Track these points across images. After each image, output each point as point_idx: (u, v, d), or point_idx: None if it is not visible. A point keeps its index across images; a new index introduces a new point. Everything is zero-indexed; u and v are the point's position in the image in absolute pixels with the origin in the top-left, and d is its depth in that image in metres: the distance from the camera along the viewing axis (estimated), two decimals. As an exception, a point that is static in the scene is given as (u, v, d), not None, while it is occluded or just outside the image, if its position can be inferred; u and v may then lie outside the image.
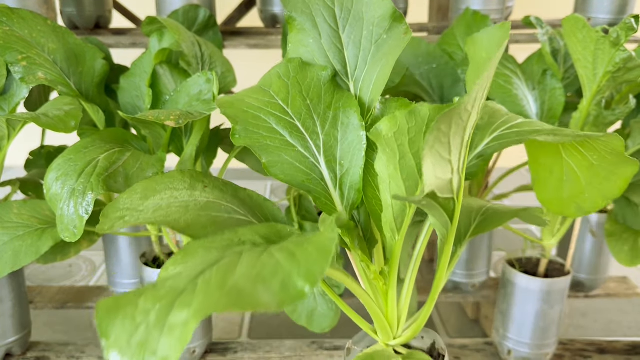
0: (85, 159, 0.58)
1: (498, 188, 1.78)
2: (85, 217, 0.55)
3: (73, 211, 0.55)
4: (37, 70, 0.65)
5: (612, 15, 0.92)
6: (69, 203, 0.55)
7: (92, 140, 0.61)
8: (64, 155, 0.58)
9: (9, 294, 0.76)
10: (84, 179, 0.56)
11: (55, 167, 0.58)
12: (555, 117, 0.72)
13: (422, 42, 0.84)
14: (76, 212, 0.55)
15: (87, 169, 0.57)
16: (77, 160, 0.58)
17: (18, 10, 0.66)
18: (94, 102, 0.72)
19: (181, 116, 0.57)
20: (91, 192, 0.55)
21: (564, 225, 0.75)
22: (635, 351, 0.85)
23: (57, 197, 0.56)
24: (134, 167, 0.60)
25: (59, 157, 0.58)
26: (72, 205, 0.55)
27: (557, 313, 0.77)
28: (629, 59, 0.59)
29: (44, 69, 0.66)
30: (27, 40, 0.66)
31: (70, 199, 0.55)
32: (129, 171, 0.59)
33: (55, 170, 0.57)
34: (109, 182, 0.57)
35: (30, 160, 0.90)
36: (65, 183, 0.56)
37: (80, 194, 0.55)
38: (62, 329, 1.08)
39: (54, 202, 0.56)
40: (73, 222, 0.55)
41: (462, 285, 0.95)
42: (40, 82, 0.65)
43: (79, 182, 0.56)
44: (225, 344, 0.84)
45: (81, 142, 0.60)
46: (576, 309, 1.17)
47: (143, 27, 0.74)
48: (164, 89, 0.71)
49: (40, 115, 0.58)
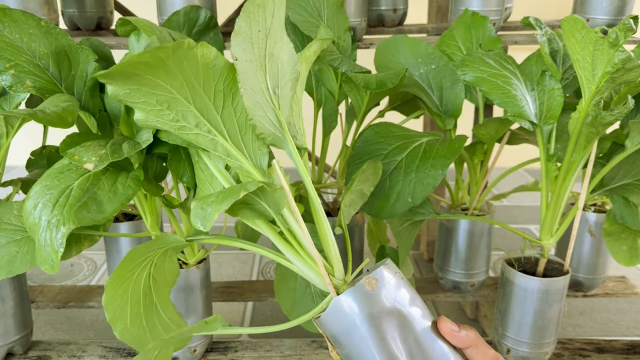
0: (60, 186, 0.56)
1: (497, 188, 1.79)
2: (60, 251, 0.53)
3: (49, 244, 0.54)
4: (26, 79, 0.63)
5: (611, 16, 0.92)
6: (45, 236, 0.54)
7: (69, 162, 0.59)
8: (42, 181, 0.57)
9: (10, 294, 0.77)
10: (57, 211, 0.55)
11: (32, 195, 0.56)
12: (554, 118, 0.73)
13: (422, 43, 0.84)
14: (51, 247, 0.54)
15: (61, 198, 0.55)
16: (53, 188, 0.56)
17: (11, 13, 0.65)
18: (87, 106, 0.71)
19: (103, 158, 0.55)
20: (63, 226, 0.54)
21: (563, 225, 0.75)
22: (634, 350, 0.85)
23: (35, 227, 0.55)
24: (109, 192, 0.58)
25: (37, 183, 0.57)
26: (48, 238, 0.54)
27: (556, 312, 0.77)
28: (628, 60, 0.59)
29: (32, 76, 0.64)
30: (17, 46, 0.65)
31: (46, 231, 0.54)
32: (102, 197, 0.57)
33: (33, 199, 0.56)
34: (80, 213, 0.55)
35: (32, 160, 0.90)
36: (41, 213, 0.55)
37: (54, 227, 0.54)
38: (63, 328, 1.09)
39: (33, 231, 0.55)
40: (50, 256, 0.54)
41: (461, 285, 0.95)
42: (29, 90, 0.63)
43: (53, 214, 0.54)
44: (226, 343, 0.85)
45: (58, 164, 0.59)
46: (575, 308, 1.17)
47: (117, 27, 0.72)
48: None
49: (38, 112, 0.58)
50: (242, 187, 0.47)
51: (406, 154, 0.69)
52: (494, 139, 0.83)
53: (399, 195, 0.68)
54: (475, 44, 0.86)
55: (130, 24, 0.70)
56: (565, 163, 0.72)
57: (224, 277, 1.31)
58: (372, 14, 1.00)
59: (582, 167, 0.73)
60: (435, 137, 0.72)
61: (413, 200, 0.67)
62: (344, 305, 0.49)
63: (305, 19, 0.82)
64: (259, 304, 1.20)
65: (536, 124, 0.74)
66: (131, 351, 0.82)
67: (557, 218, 0.75)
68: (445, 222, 0.94)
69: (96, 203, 0.57)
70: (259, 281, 1.04)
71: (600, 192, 0.81)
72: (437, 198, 0.99)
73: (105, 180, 0.59)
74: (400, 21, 1.02)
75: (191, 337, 0.60)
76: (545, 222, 0.75)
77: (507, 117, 0.74)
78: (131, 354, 0.82)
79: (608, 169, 0.76)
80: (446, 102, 0.83)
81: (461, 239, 0.93)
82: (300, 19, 0.81)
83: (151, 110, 0.50)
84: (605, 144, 0.75)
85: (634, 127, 0.72)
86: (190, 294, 0.75)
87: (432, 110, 0.82)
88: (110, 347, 0.83)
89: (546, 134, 0.74)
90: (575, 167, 0.72)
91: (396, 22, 1.01)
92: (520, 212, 1.73)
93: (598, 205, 0.96)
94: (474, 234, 0.92)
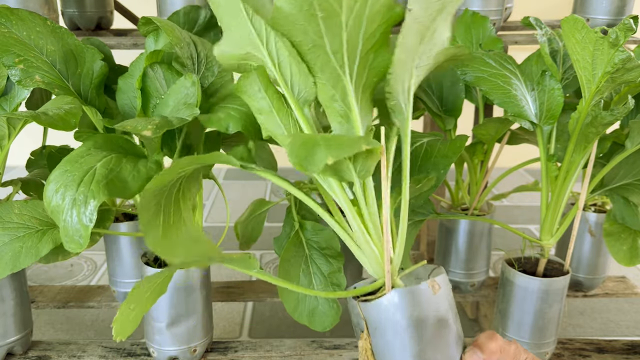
0: (82, 168, 0.57)
1: (497, 188, 1.79)
2: (90, 225, 0.55)
3: (76, 221, 0.55)
4: (35, 73, 0.65)
5: (611, 16, 0.92)
6: (71, 214, 0.55)
7: (87, 149, 0.60)
8: (60, 167, 0.58)
9: (10, 293, 0.77)
10: (84, 188, 0.56)
11: (53, 179, 0.57)
12: (554, 118, 0.73)
13: (422, 43, 0.84)
14: (80, 222, 0.55)
15: (85, 177, 0.57)
16: (74, 171, 0.57)
17: (17, 11, 0.66)
18: (93, 103, 0.72)
19: (159, 125, 0.57)
20: (93, 200, 0.55)
21: (563, 225, 0.75)
22: (634, 350, 0.85)
23: (58, 209, 0.56)
24: (132, 171, 0.60)
25: (55, 170, 0.58)
26: (75, 215, 0.55)
27: (556, 312, 0.77)
28: (628, 60, 0.59)
29: (41, 71, 0.66)
30: (25, 42, 0.66)
31: (72, 209, 0.55)
32: (127, 176, 0.59)
33: (53, 183, 0.57)
34: (108, 187, 0.56)
35: (32, 160, 0.90)
36: (65, 194, 0.56)
37: (82, 202, 0.55)
38: (63, 328, 1.09)
39: (56, 214, 0.56)
40: (78, 232, 0.55)
41: (462, 285, 0.95)
42: (37, 85, 0.64)
43: (79, 191, 0.55)
44: (226, 343, 0.85)
45: (76, 151, 0.60)
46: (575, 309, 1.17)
47: (140, 27, 0.73)
48: (155, 91, 0.70)
49: (41, 114, 0.58)
50: (362, 140, 0.43)
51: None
52: (494, 139, 0.83)
53: (399, 195, 0.68)
54: (475, 43, 0.86)
55: (153, 23, 0.71)
56: (566, 163, 0.72)
57: (224, 277, 1.31)
58: (372, 14, 0.99)
59: (582, 167, 0.73)
60: (436, 137, 0.72)
61: (415, 201, 0.67)
62: (406, 299, 0.47)
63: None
64: (258, 304, 1.20)
65: (536, 124, 0.74)
66: (131, 351, 0.82)
67: (557, 218, 0.75)
68: (446, 222, 0.94)
69: (121, 181, 0.58)
70: (259, 281, 1.04)
71: (601, 192, 0.81)
72: (437, 198, 0.99)
73: (126, 162, 0.61)
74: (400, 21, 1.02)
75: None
76: (546, 222, 0.75)
77: (507, 117, 0.74)
78: (131, 354, 0.82)
79: (608, 169, 0.76)
80: (446, 102, 0.83)
81: (461, 239, 0.93)
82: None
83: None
84: (606, 144, 0.75)
85: (634, 127, 0.71)
86: (191, 294, 0.75)
87: (432, 110, 0.82)
88: (110, 347, 0.83)
89: (546, 134, 0.74)
90: (575, 167, 0.72)
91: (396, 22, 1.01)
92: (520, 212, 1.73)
93: (598, 205, 0.96)
94: (474, 234, 0.92)
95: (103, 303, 0.94)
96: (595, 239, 0.94)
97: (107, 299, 0.95)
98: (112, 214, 0.83)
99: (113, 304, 0.94)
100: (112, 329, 0.54)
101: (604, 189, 0.81)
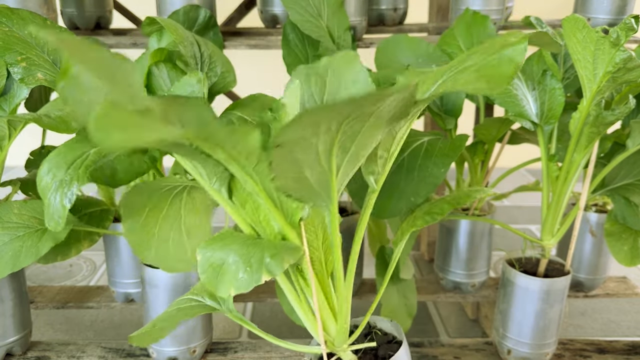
0: (75, 152, 0.59)
1: (498, 188, 1.79)
2: (67, 206, 0.57)
3: (59, 201, 0.57)
4: (37, 71, 0.65)
5: (612, 16, 0.92)
6: (55, 194, 0.57)
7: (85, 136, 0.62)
8: (57, 150, 0.60)
9: (9, 294, 0.76)
10: (72, 171, 0.58)
11: (48, 159, 0.59)
12: (555, 117, 0.72)
13: (422, 43, 0.84)
14: (61, 202, 0.57)
15: (76, 161, 0.59)
16: (68, 154, 0.59)
17: (18, 11, 0.67)
18: (94, 101, 0.72)
19: None
20: (76, 183, 0.57)
21: (564, 225, 0.75)
22: (635, 351, 0.85)
23: (47, 188, 0.58)
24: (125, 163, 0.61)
25: (52, 152, 0.60)
26: (59, 195, 0.57)
27: (557, 313, 0.77)
28: (629, 59, 0.59)
29: (43, 69, 0.66)
30: (27, 41, 0.67)
31: (57, 190, 0.57)
32: (118, 166, 0.60)
33: (47, 163, 0.59)
34: (95, 174, 0.58)
35: (31, 160, 0.90)
36: (55, 175, 0.58)
37: (67, 184, 0.57)
38: (62, 328, 1.08)
39: (44, 193, 0.58)
40: (58, 211, 0.57)
41: (462, 285, 0.95)
42: (40, 83, 0.65)
43: (67, 173, 0.58)
44: (226, 344, 0.85)
45: (75, 137, 0.62)
46: (576, 309, 1.17)
47: (143, 27, 0.74)
48: (159, 88, 0.70)
49: (42, 116, 0.59)
50: (265, 272, 0.46)
51: (408, 152, 0.69)
52: (494, 138, 0.83)
53: (401, 194, 0.68)
54: (476, 43, 0.86)
55: (157, 23, 0.72)
56: (566, 163, 0.71)
57: (223, 278, 1.31)
58: (373, 13, 0.99)
59: (583, 167, 0.73)
60: (437, 136, 0.72)
61: (416, 199, 0.67)
62: None
63: (306, 19, 0.81)
64: (258, 304, 1.20)
65: (537, 123, 0.73)
66: (130, 351, 0.82)
67: (558, 218, 0.75)
68: (446, 222, 0.94)
69: (111, 169, 0.60)
70: (259, 281, 1.03)
71: (602, 192, 0.81)
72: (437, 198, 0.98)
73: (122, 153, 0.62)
74: (400, 20, 1.02)
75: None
76: (546, 223, 0.75)
77: (508, 117, 0.74)
78: (130, 355, 0.81)
79: (609, 169, 0.76)
80: (447, 102, 0.83)
81: (462, 239, 0.92)
82: (300, 19, 0.81)
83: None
84: (607, 144, 0.75)
85: (635, 127, 0.71)
86: (190, 295, 0.75)
87: (433, 109, 0.82)
88: (109, 348, 0.83)
89: (547, 133, 0.74)
90: (576, 167, 0.72)
91: (396, 21, 1.01)
92: (521, 212, 1.73)
93: (599, 205, 0.96)
94: (474, 234, 0.92)
95: (102, 303, 0.94)
96: (596, 239, 0.94)
97: (106, 299, 0.94)
98: (112, 214, 0.83)
99: (112, 305, 0.93)
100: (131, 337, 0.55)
101: (605, 189, 0.81)
